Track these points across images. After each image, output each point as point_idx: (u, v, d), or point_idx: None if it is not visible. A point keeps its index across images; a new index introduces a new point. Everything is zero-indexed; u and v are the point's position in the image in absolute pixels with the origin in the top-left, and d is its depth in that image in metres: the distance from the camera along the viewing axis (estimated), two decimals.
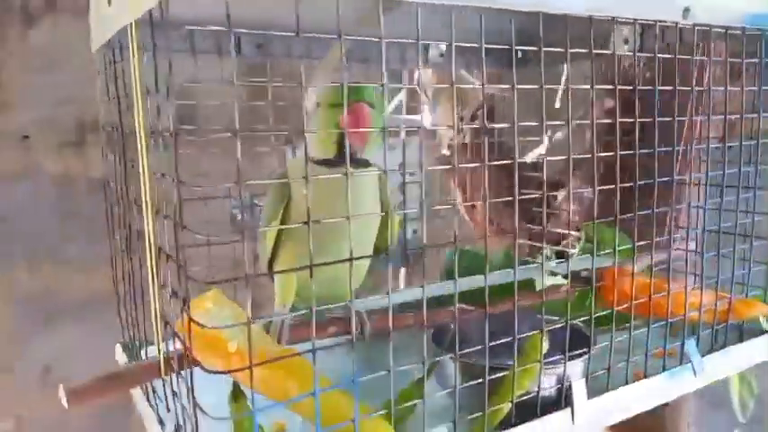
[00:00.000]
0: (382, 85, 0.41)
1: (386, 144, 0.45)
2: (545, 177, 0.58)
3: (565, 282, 0.70)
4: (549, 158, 0.59)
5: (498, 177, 0.98)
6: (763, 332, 0.74)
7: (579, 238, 0.99)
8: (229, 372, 0.39)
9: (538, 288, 0.70)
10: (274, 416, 0.55)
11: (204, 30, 0.73)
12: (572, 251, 0.97)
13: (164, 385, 0.50)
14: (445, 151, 1.15)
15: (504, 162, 0.56)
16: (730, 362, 0.70)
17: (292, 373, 0.46)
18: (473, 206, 1.15)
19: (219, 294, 0.49)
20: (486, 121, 1.05)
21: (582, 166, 0.97)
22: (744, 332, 0.74)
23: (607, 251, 0.63)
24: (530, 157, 1.18)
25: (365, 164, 0.56)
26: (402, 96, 1.11)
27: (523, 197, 0.55)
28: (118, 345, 0.72)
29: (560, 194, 1.07)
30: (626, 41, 0.85)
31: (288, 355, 0.41)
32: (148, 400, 0.58)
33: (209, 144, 0.76)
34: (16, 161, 1.41)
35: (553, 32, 0.53)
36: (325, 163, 0.54)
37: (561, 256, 0.99)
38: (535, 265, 0.88)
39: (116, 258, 0.65)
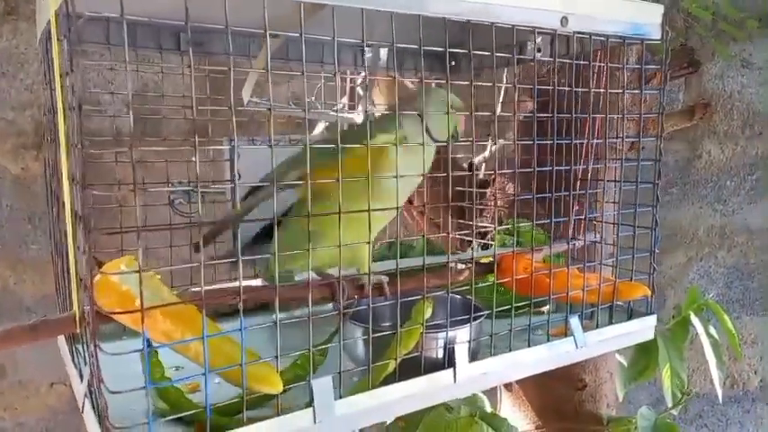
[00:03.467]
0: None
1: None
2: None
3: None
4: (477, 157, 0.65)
5: (435, 177, 1.06)
6: (648, 313, 0.82)
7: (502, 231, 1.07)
8: (120, 313, 0.46)
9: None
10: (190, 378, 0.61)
11: (147, 27, 0.79)
12: (492, 243, 1.04)
13: (81, 340, 0.55)
14: None
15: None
16: (612, 338, 0.77)
17: (191, 327, 0.52)
18: (410, 203, 1.22)
19: (133, 259, 0.55)
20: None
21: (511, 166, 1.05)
22: (633, 313, 0.82)
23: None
24: (466, 161, 1.26)
25: None
26: (345, 98, 1.17)
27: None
28: None
29: (488, 191, 1.15)
30: (539, 50, 0.93)
31: (176, 302, 0.48)
32: (73, 361, 0.64)
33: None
34: None
35: (481, 42, 0.61)
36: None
37: (487, 247, 1.06)
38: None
39: (52, 232, 0.71)
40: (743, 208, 1.91)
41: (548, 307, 0.82)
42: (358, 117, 1.02)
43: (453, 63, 1.08)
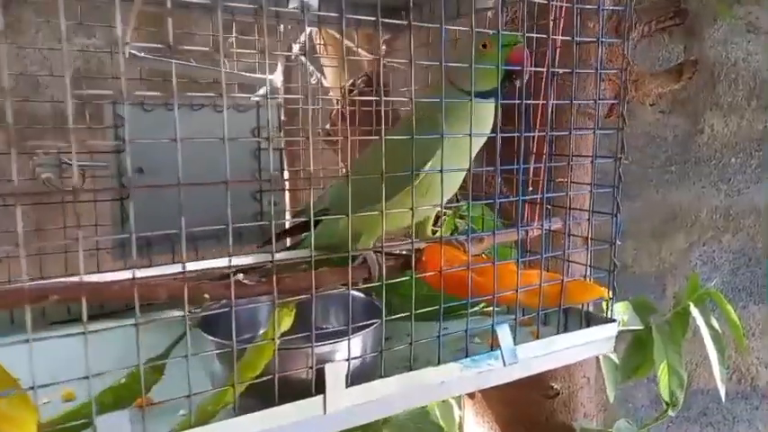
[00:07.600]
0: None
1: None
2: None
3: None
4: None
5: None
6: (606, 321, 0.66)
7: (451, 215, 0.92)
8: None
9: None
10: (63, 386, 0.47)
11: None
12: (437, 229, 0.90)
13: None
14: (328, 126, 1.08)
15: None
16: (558, 351, 0.61)
17: None
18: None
19: None
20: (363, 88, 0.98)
21: None
22: (590, 319, 0.67)
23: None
24: None
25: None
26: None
27: None
28: None
29: None
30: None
31: None
32: None
33: None
34: None
35: None
36: (480, 95, 0.60)
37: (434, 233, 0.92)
38: None
39: None
40: (749, 187, 1.79)
41: (487, 309, 0.67)
42: (278, 79, 0.87)
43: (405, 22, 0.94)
